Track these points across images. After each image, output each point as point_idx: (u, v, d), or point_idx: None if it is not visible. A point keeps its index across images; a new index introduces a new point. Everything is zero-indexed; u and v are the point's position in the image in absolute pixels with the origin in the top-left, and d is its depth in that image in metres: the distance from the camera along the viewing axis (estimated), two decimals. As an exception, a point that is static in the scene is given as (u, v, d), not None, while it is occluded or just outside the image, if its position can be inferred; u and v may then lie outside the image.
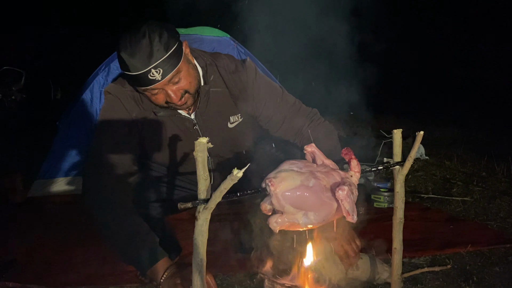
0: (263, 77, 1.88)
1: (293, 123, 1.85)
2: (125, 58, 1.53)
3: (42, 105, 6.94)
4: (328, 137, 1.83)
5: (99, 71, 3.38)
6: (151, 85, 1.57)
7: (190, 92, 1.66)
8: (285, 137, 1.90)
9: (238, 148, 1.91)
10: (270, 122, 1.87)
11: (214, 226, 1.86)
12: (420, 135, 1.28)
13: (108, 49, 3.42)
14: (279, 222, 1.21)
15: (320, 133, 1.82)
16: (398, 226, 1.39)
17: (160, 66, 1.53)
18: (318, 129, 1.84)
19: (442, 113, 6.85)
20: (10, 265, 1.95)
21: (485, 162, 3.91)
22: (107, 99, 1.77)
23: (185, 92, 1.64)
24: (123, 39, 1.56)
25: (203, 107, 1.78)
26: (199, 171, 1.05)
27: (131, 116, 1.73)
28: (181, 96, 1.63)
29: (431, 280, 1.76)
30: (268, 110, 1.84)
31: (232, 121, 1.85)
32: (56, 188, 3.25)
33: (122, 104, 1.72)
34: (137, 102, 1.74)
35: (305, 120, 1.85)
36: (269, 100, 1.84)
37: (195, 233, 1.08)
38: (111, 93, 1.74)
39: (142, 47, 1.52)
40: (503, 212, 2.65)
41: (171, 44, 1.56)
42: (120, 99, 1.72)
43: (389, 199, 2.81)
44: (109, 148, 1.70)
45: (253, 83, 1.82)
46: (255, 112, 1.86)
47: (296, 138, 1.86)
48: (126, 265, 1.93)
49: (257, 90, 1.83)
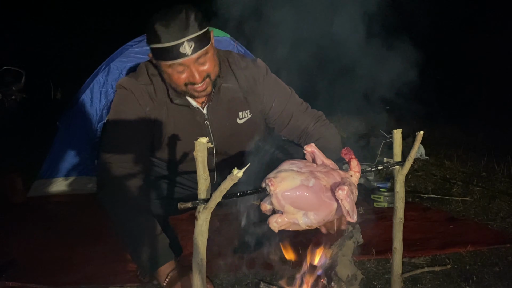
0: (273, 75, 1.93)
1: (300, 122, 1.88)
2: (159, 29, 1.55)
3: (42, 105, 6.94)
4: (333, 137, 1.87)
5: (99, 71, 3.38)
6: (180, 58, 1.58)
7: (211, 77, 1.68)
8: (290, 136, 1.93)
9: (244, 146, 1.90)
10: (278, 119, 1.90)
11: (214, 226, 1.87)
12: (420, 135, 1.28)
13: (108, 49, 3.43)
14: (279, 222, 1.21)
15: (325, 133, 1.87)
16: (398, 226, 1.39)
17: (193, 40, 1.56)
18: (323, 129, 1.88)
19: (442, 113, 6.85)
20: (10, 265, 1.95)
21: (485, 162, 3.91)
22: (119, 93, 1.76)
23: (207, 76, 1.66)
24: (159, 14, 1.60)
25: (215, 102, 1.79)
26: (199, 171, 1.05)
27: (145, 110, 1.73)
28: (203, 78, 1.65)
29: (431, 280, 1.76)
30: (277, 107, 1.88)
31: (241, 117, 1.86)
32: (56, 188, 3.25)
33: (136, 98, 1.73)
34: (150, 96, 1.74)
35: (311, 120, 1.90)
36: (278, 98, 1.88)
37: (195, 233, 1.08)
38: (125, 87, 1.74)
39: (178, 20, 1.56)
40: (503, 212, 2.65)
41: (204, 25, 1.61)
42: (133, 93, 1.73)
43: (389, 199, 2.81)
44: (123, 143, 1.70)
45: (263, 79, 1.86)
46: (264, 108, 1.88)
47: (301, 137, 1.89)
48: (125, 265, 1.94)
49: (267, 87, 1.87)
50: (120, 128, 1.73)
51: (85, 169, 3.30)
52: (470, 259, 1.97)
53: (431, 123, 6.09)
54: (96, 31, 9.16)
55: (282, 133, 1.94)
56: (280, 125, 1.91)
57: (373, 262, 1.94)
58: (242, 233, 1.74)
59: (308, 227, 1.24)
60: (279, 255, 1.74)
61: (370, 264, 1.93)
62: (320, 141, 1.80)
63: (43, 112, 6.08)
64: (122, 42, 3.36)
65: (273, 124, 1.93)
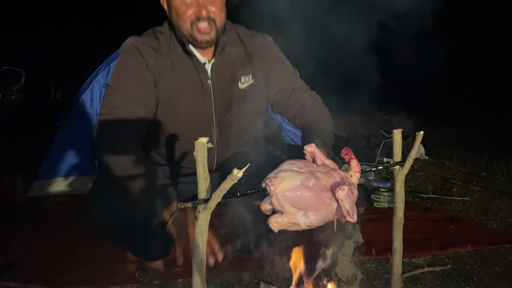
0: (280, 51, 1.96)
1: (299, 98, 1.92)
2: None
3: (42, 105, 6.94)
4: (327, 120, 1.90)
5: (99, 71, 3.38)
6: None
7: (216, 24, 1.71)
8: (286, 112, 1.95)
9: (245, 116, 1.88)
10: (280, 92, 1.92)
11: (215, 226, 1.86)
12: (420, 135, 1.28)
13: (108, 49, 3.43)
14: (279, 222, 1.21)
15: (321, 112, 1.91)
16: (398, 226, 1.38)
17: None
18: (320, 110, 1.92)
19: (442, 113, 6.85)
20: (10, 265, 1.95)
21: (485, 162, 3.91)
22: (123, 52, 1.78)
23: (213, 20, 1.69)
24: None
25: (219, 60, 1.80)
26: (199, 171, 1.05)
27: (148, 62, 1.74)
28: (208, 17, 1.68)
29: (431, 280, 1.76)
30: (281, 79, 1.91)
31: (243, 81, 1.86)
32: (56, 188, 3.25)
33: (139, 51, 1.74)
34: (154, 48, 1.75)
35: (310, 98, 1.94)
36: (283, 71, 1.93)
37: (195, 233, 1.08)
38: (127, 45, 1.77)
39: None
40: (503, 212, 2.65)
41: None
42: (137, 47, 1.74)
43: (389, 199, 2.81)
44: (127, 91, 1.70)
45: (271, 49, 1.91)
46: (268, 76, 1.90)
47: (296, 114, 1.91)
48: (125, 265, 1.94)
49: (274, 56, 1.92)
50: (121, 82, 1.72)
51: (85, 169, 3.30)
52: (470, 259, 1.97)
53: (431, 123, 6.10)
54: (96, 31, 9.16)
55: (279, 109, 1.96)
56: (280, 98, 1.93)
57: (373, 262, 1.94)
58: (242, 233, 1.74)
59: (308, 227, 1.23)
60: (279, 255, 1.74)
61: (370, 264, 1.93)
62: (315, 119, 1.85)
63: (43, 112, 6.08)
64: (122, 42, 3.36)
65: (273, 98, 1.94)
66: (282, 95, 1.92)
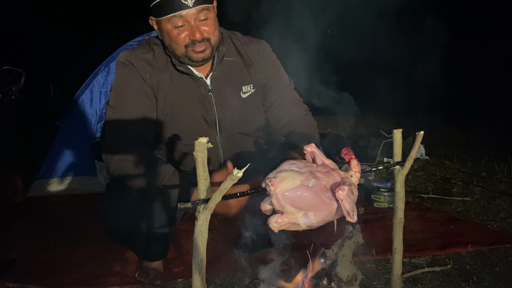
0: (278, 61, 1.96)
1: (293, 109, 1.93)
2: None
3: (42, 105, 6.93)
4: (316, 131, 1.94)
5: (99, 71, 3.38)
6: (181, 10, 1.59)
7: (211, 42, 1.69)
8: (277, 123, 1.95)
9: (249, 124, 1.90)
10: (274, 103, 1.91)
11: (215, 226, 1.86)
12: (420, 135, 1.28)
13: (108, 49, 3.43)
14: (279, 222, 1.21)
15: (311, 124, 1.94)
16: (398, 226, 1.38)
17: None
18: (310, 122, 1.95)
19: (442, 113, 6.85)
20: (10, 265, 1.95)
21: (485, 162, 3.90)
22: (118, 70, 1.77)
23: (207, 39, 1.67)
24: None
25: (218, 72, 1.79)
26: (199, 171, 1.05)
27: (145, 77, 1.73)
28: (202, 39, 1.66)
29: (431, 280, 1.76)
30: (277, 91, 1.91)
31: (245, 91, 1.86)
32: (56, 188, 3.24)
33: (135, 68, 1.73)
34: (149, 62, 1.74)
35: (303, 110, 1.96)
36: (279, 81, 1.92)
37: (195, 233, 1.08)
38: (122, 61, 1.75)
39: None
40: (503, 212, 2.65)
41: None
42: (132, 64, 1.73)
43: (389, 199, 2.81)
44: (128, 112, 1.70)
45: (268, 56, 1.90)
46: (265, 86, 1.90)
47: (288, 124, 1.92)
48: (125, 265, 1.94)
49: (271, 64, 1.91)
50: (121, 99, 1.73)
51: (85, 169, 3.29)
52: (470, 259, 1.97)
53: (431, 123, 6.09)
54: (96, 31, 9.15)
55: (270, 117, 1.95)
56: (273, 109, 1.92)
57: (373, 262, 1.94)
58: (242, 233, 1.74)
59: (308, 227, 1.23)
60: (279, 256, 1.73)
61: (370, 264, 1.93)
62: (305, 128, 1.87)
63: (43, 112, 6.07)
64: (122, 42, 3.36)
65: (266, 107, 1.94)
66: (276, 106, 1.92)
